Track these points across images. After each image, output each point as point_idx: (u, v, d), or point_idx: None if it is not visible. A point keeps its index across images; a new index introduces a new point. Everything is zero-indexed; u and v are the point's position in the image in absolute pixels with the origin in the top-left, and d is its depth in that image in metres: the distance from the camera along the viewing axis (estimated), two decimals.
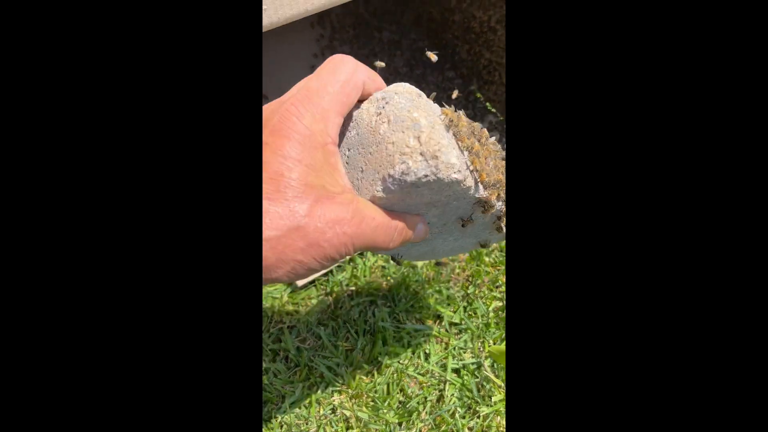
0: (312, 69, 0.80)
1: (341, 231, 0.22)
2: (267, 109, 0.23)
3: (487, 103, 0.70)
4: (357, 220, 0.22)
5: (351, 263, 0.56)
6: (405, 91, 0.25)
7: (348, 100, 0.24)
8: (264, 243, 0.21)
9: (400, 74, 0.71)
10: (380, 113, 0.24)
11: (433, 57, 0.35)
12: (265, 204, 0.21)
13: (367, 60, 0.72)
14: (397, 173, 0.23)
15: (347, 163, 0.25)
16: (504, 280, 0.57)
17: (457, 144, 0.24)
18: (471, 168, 0.24)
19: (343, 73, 0.23)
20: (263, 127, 0.22)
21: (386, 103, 0.24)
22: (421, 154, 0.23)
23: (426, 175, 0.23)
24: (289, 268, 0.22)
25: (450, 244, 0.33)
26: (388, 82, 0.48)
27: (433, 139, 0.23)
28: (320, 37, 0.75)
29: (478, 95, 0.70)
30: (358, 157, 0.25)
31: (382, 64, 0.33)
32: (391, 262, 0.53)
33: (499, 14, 0.57)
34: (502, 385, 0.52)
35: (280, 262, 0.21)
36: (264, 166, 0.21)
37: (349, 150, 0.25)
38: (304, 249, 0.21)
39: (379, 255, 0.57)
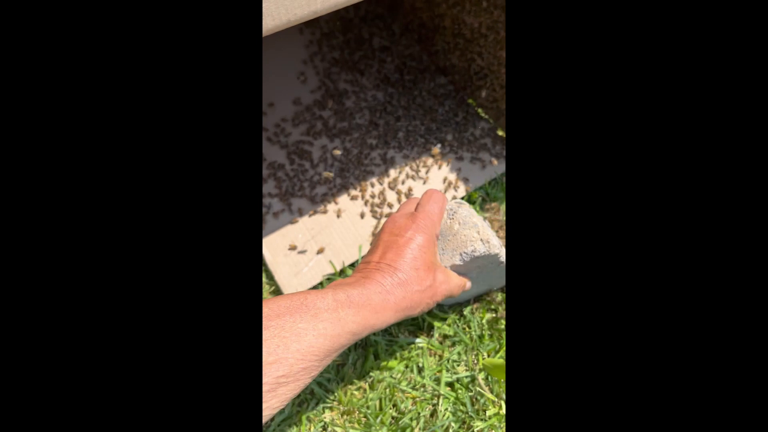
0: (301, 75, 0.78)
1: (445, 287, 0.41)
2: (398, 221, 0.41)
3: (479, 109, 0.69)
4: (449, 281, 0.41)
5: (342, 275, 0.55)
6: (464, 204, 0.45)
7: (442, 215, 0.43)
8: (415, 293, 0.37)
9: (391, 80, 0.70)
10: (453, 218, 0.43)
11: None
12: (414, 272, 0.38)
13: (356, 67, 0.71)
14: (468, 251, 0.41)
15: None
16: (497, 291, 0.56)
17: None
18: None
19: (440, 201, 0.43)
20: (401, 230, 0.40)
21: (454, 212, 0.43)
22: (480, 240, 0.42)
23: (483, 252, 0.42)
24: (422, 308, 0.39)
25: (475, 289, 0.51)
26: (380, 89, 0.61)
27: (486, 232, 0.42)
28: (309, 43, 0.74)
29: (471, 101, 0.69)
30: (439, 243, 0.43)
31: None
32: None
33: (490, 20, 0.57)
34: (496, 399, 0.51)
35: (419, 304, 0.38)
36: (411, 251, 0.38)
37: None
38: (430, 296, 0.39)
39: None
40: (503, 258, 0.44)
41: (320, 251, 0.55)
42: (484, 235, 0.41)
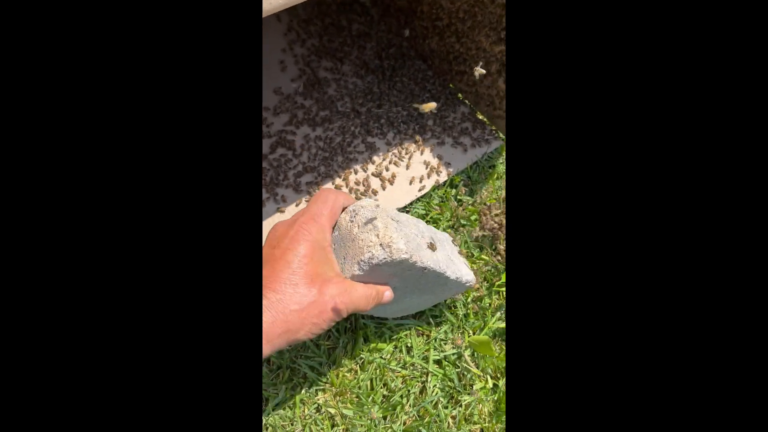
0: (281, 63, 0.77)
1: (339, 301, 0.33)
2: (279, 229, 0.36)
3: (459, 94, 0.70)
4: (347, 293, 0.34)
5: None
6: (367, 204, 0.38)
7: (335, 217, 0.37)
8: (292, 314, 0.31)
9: (371, 67, 0.70)
10: (353, 221, 0.36)
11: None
12: (291, 288, 0.32)
13: (336, 54, 0.71)
14: (366, 258, 0.34)
15: (334, 252, 0.37)
16: (481, 272, 0.58)
17: (405, 231, 0.37)
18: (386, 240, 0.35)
19: (330, 201, 0.37)
20: (279, 241, 0.34)
21: (356, 214, 0.37)
22: (380, 245, 0.34)
23: (384, 258, 0.34)
24: (308, 329, 0.32)
25: (416, 301, 0.47)
26: (359, 75, 0.55)
27: (387, 234, 0.35)
28: (288, 31, 0.73)
29: (451, 85, 0.70)
30: (341, 249, 0.37)
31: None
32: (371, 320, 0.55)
33: (467, 5, 0.57)
34: (482, 374, 0.53)
35: (302, 326, 0.32)
36: (287, 264, 0.33)
37: (335, 245, 0.37)
38: (317, 315, 0.32)
39: None
40: (424, 263, 0.36)
41: None
42: (384, 239, 0.34)
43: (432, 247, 0.39)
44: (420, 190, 0.61)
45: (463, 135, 0.65)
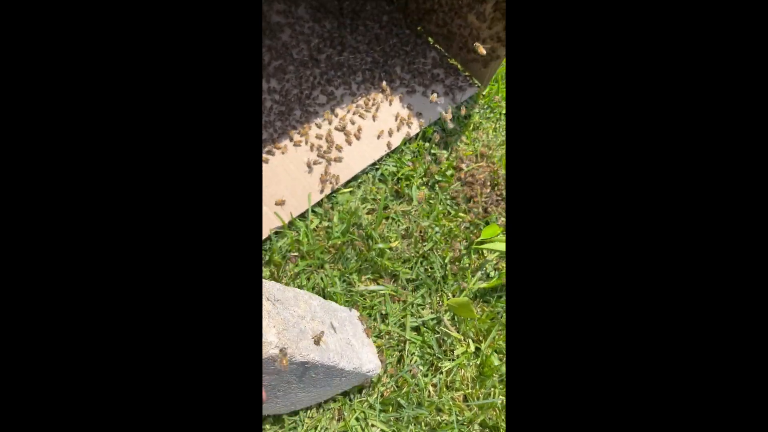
0: None
1: None
2: None
3: (429, 38, 0.63)
4: None
5: (291, 227, 0.50)
6: None
7: None
8: None
9: (329, 9, 0.62)
10: None
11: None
12: None
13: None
14: None
15: None
16: (459, 231, 0.54)
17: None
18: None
19: None
20: None
21: None
22: None
23: None
24: None
25: (307, 394, 0.38)
26: (315, 19, 0.42)
27: None
28: None
29: (419, 28, 0.63)
30: None
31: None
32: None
33: None
34: (463, 338, 0.49)
35: None
36: None
37: None
38: None
39: (322, 216, 0.51)
40: (305, 356, 0.29)
41: (280, 203, 0.50)
42: None
43: (317, 340, 0.31)
44: (389, 145, 0.55)
45: (434, 82, 0.60)
